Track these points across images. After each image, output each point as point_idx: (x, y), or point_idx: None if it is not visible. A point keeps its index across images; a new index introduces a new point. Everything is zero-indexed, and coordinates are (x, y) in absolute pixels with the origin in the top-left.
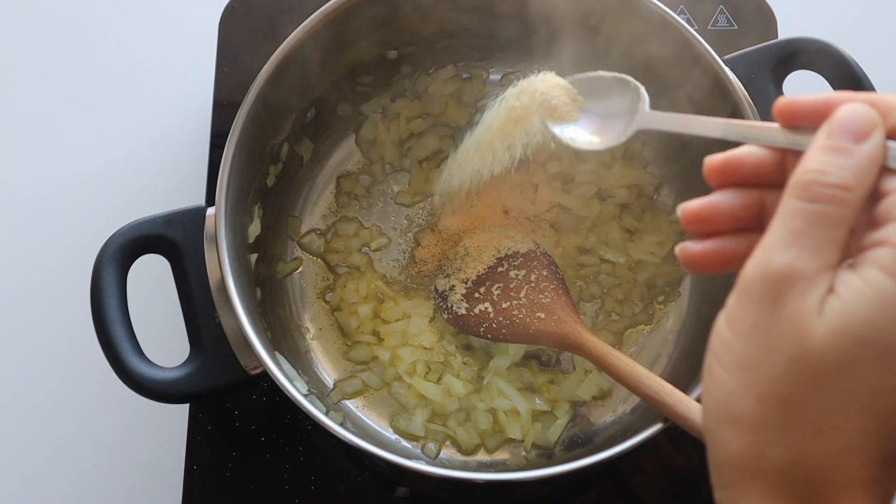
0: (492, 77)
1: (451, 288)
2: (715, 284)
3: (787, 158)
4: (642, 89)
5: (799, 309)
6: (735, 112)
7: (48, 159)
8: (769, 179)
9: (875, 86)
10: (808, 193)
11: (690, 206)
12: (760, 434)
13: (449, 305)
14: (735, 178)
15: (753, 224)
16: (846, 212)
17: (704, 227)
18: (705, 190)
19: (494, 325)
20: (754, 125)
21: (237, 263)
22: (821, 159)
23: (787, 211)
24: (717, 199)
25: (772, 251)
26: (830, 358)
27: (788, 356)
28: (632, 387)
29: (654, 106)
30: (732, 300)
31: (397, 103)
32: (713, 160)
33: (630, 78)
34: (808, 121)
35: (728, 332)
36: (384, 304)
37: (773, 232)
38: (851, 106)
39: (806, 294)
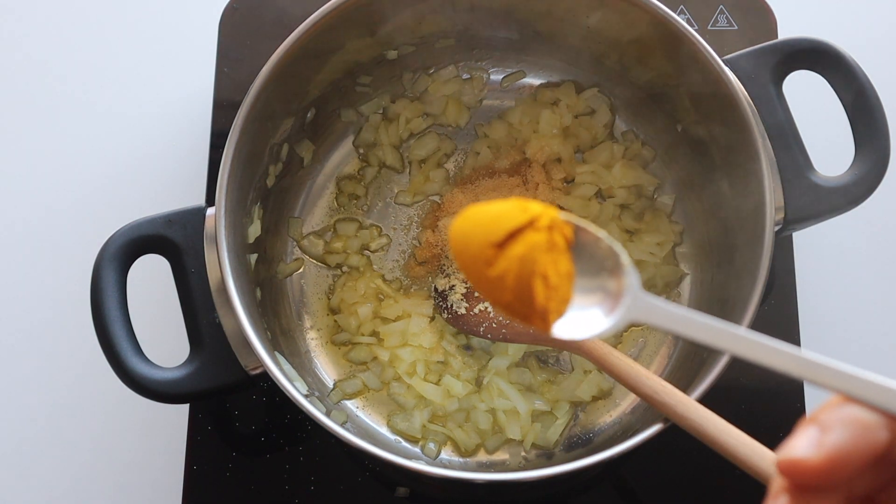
0: (492, 77)
1: (451, 288)
2: (716, 285)
3: None
4: (632, 270)
5: None
6: (735, 113)
7: (48, 159)
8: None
9: (876, 86)
10: None
11: None
12: None
13: (449, 305)
14: (840, 482)
15: None
16: None
17: None
18: (705, 190)
19: (494, 325)
20: (866, 380)
21: (237, 264)
22: None
23: None
24: None
25: None
26: None
27: None
28: (631, 387)
29: (654, 105)
30: None
31: (397, 104)
32: (811, 461)
33: (622, 250)
34: None
35: None
36: (384, 303)
37: None
38: None
39: None
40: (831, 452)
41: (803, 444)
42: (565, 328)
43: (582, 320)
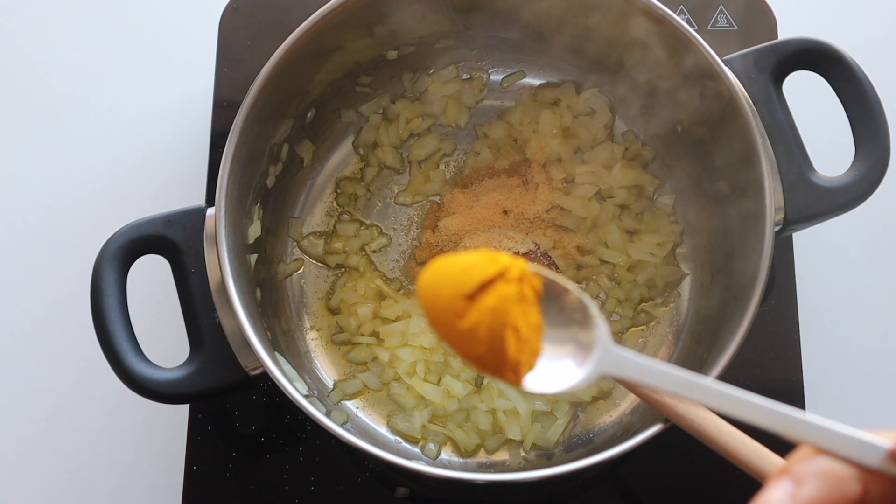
0: (492, 78)
1: None
2: (715, 285)
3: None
4: (601, 322)
5: None
6: (735, 113)
7: (48, 159)
8: None
9: (875, 86)
10: None
11: None
12: None
13: None
14: None
15: None
16: None
17: None
18: (705, 190)
19: None
20: (846, 435)
21: (237, 264)
22: None
23: None
24: None
25: None
26: None
27: None
28: (631, 387)
29: (654, 105)
30: None
31: (397, 104)
32: None
33: (590, 303)
34: None
35: None
36: (384, 304)
37: None
38: None
39: None
40: None
41: (777, 498)
42: (536, 381)
43: (553, 373)
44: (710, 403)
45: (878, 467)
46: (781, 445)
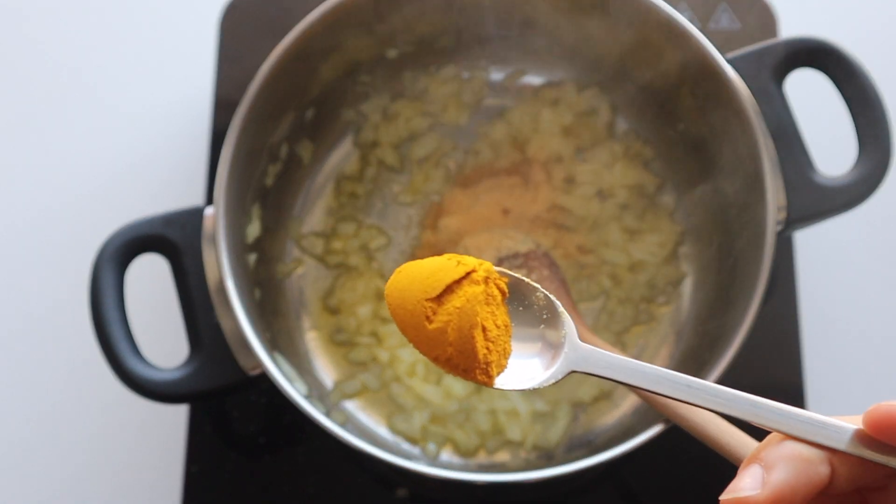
0: (492, 77)
1: None
2: (716, 285)
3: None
4: (568, 320)
5: None
6: (737, 112)
7: (45, 158)
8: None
9: (878, 84)
10: None
11: None
12: None
13: None
14: None
15: None
16: None
17: None
18: (707, 189)
19: None
20: (815, 420)
21: (236, 264)
22: None
23: None
24: None
25: None
26: None
27: None
28: (631, 387)
29: (656, 104)
30: None
31: (397, 103)
32: (748, 501)
33: (558, 303)
34: None
35: None
36: (384, 303)
37: None
38: None
39: None
40: (775, 489)
41: (748, 483)
42: (507, 381)
43: (523, 372)
44: (678, 396)
45: (844, 449)
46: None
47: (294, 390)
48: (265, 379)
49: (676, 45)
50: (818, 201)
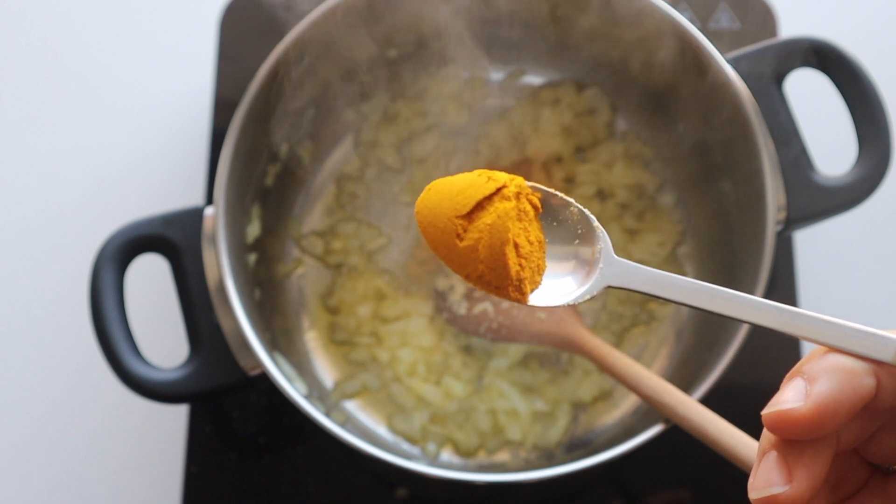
0: (492, 77)
1: (451, 288)
2: (716, 285)
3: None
4: (604, 235)
5: None
6: (737, 112)
7: (46, 158)
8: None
9: (879, 85)
10: None
11: (794, 496)
12: None
13: (449, 305)
14: (829, 431)
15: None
16: None
17: None
18: (707, 189)
19: (494, 326)
20: (858, 330)
21: (236, 264)
22: None
23: None
24: (815, 477)
25: None
26: None
27: None
28: (632, 387)
29: (656, 104)
30: None
31: (397, 103)
32: (799, 412)
33: (593, 217)
34: None
35: None
36: (384, 303)
37: None
38: None
39: None
40: (819, 401)
41: (790, 396)
42: (541, 297)
43: (557, 289)
44: (717, 309)
45: (891, 361)
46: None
47: (294, 390)
48: (265, 379)
49: (676, 46)
50: (818, 201)
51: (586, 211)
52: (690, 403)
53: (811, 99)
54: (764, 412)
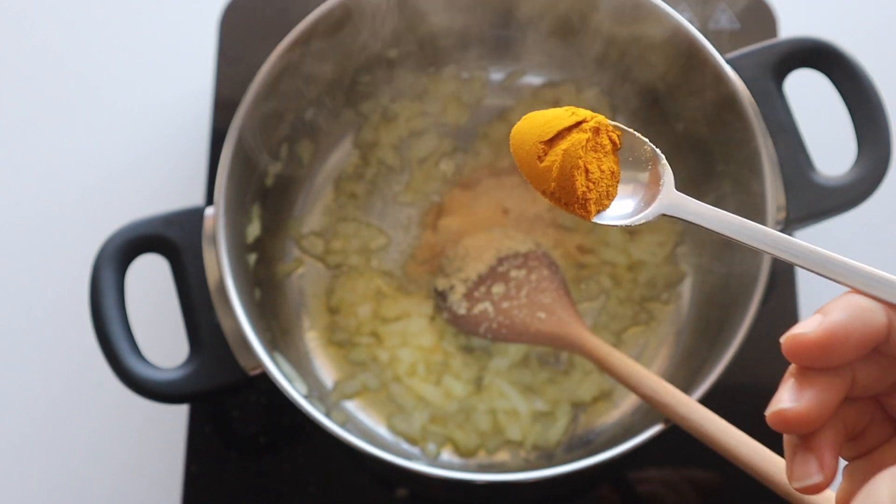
0: (492, 77)
1: (452, 288)
2: (716, 285)
3: None
4: (668, 170)
5: None
6: (737, 112)
7: (46, 158)
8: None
9: (878, 85)
10: None
11: (793, 411)
12: None
13: (449, 305)
14: (838, 360)
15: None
16: None
17: (802, 428)
18: (706, 189)
19: (494, 325)
20: (868, 273)
21: (236, 264)
22: None
23: None
24: (819, 399)
25: None
26: None
27: None
28: (632, 387)
29: (655, 104)
30: None
31: (397, 103)
32: (809, 336)
33: (662, 155)
34: None
35: None
36: (384, 303)
37: None
38: None
39: None
40: (829, 327)
41: (806, 326)
42: (603, 217)
43: (619, 211)
44: (750, 242)
45: None
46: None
47: (294, 390)
48: (265, 379)
49: (676, 46)
50: (818, 201)
51: (657, 150)
52: (690, 403)
53: (811, 99)
54: (782, 338)
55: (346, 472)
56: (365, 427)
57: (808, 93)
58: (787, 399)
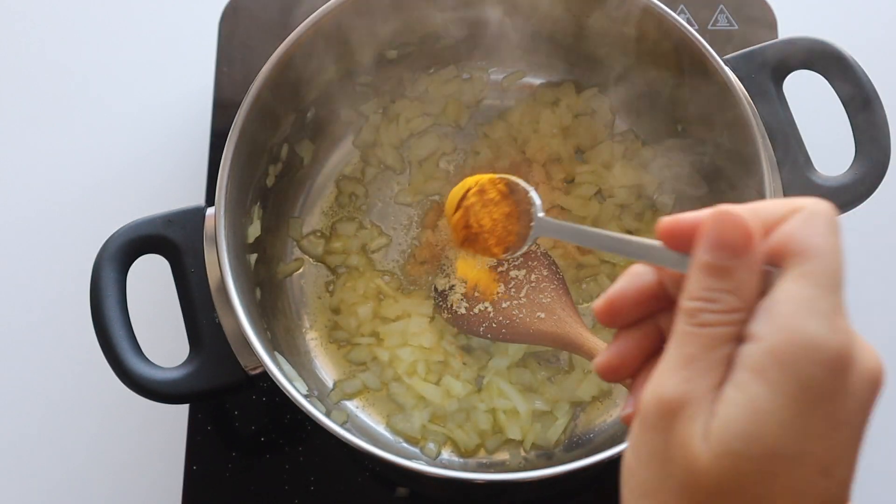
0: (492, 77)
1: (451, 288)
2: None
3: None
4: (535, 196)
5: (687, 434)
6: (735, 112)
7: (47, 159)
8: (661, 303)
9: (876, 85)
10: (698, 320)
11: (601, 363)
12: None
13: (449, 305)
14: (627, 317)
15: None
16: (735, 329)
17: (618, 375)
18: (706, 189)
19: (494, 325)
20: (642, 244)
21: (237, 264)
22: (704, 284)
23: (680, 336)
24: (619, 349)
25: (665, 377)
26: (715, 481)
27: (681, 482)
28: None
29: (654, 105)
30: (634, 427)
31: (397, 104)
32: (597, 306)
33: (531, 188)
34: (691, 242)
35: (632, 459)
36: (384, 303)
37: (668, 357)
38: (723, 217)
39: (695, 418)
40: (608, 294)
41: (598, 301)
42: (508, 252)
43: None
44: (580, 242)
45: (669, 266)
46: None
47: (294, 390)
48: (265, 378)
49: (675, 46)
50: None
51: (522, 183)
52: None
53: (809, 99)
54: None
55: (346, 471)
56: (365, 426)
57: (807, 93)
58: (599, 356)
